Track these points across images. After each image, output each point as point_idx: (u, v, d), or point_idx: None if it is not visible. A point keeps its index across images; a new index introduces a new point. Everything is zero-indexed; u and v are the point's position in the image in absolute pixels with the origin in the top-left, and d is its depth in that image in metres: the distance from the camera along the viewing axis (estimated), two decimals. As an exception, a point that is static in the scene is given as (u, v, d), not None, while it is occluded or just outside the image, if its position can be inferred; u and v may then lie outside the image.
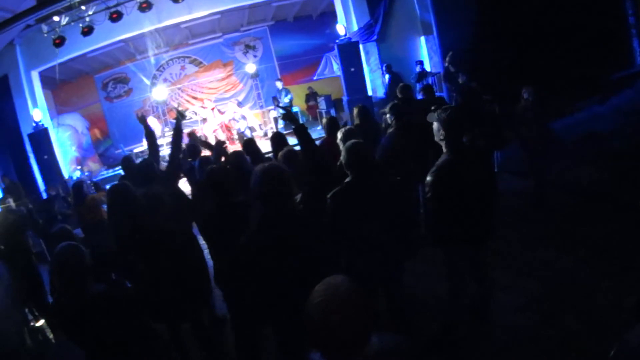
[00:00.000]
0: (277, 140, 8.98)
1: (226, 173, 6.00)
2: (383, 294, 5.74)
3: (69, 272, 4.19)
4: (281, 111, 7.28)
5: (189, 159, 9.98)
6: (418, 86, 17.88)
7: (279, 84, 22.29)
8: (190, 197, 8.49)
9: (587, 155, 10.59)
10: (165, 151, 20.19)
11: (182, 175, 10.07)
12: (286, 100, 21.30)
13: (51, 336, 7.72)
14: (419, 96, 11.42)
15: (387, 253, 5.38)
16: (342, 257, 5.38)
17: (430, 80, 18.38)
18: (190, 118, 23.71)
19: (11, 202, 12.91)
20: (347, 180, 5.41)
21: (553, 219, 8.76)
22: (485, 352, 5.87)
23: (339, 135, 7.58)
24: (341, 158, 5.56)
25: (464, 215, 5.51)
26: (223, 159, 9.16)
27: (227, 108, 23.25)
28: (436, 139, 5.70)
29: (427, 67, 19.49)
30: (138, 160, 17.70)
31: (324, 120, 9.44)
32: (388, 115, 9.19)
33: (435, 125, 5.66)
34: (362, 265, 5.26)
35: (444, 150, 5.62)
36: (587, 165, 10.14)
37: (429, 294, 6.98)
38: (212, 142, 11.35)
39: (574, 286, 6.66)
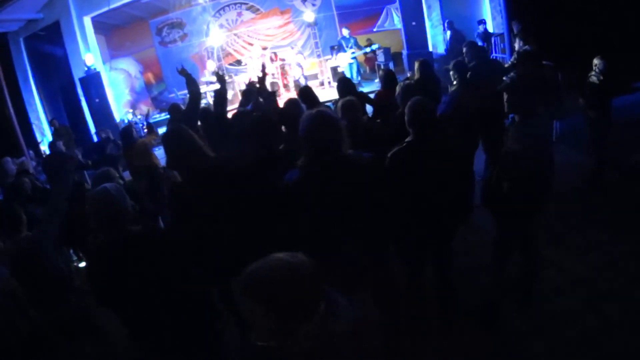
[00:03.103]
0: (343, 86, 8.77)
1: (269, 122, 5.68)
2: (431, 260, 5.67)
3: (102, 213, 4.12)
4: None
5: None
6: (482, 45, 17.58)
7: (346, 32, 21.61)
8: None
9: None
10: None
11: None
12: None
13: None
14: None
15: (442, 216, 5.22)
16: (396, 219, 5.18)
17: (493, 41, 18.10)
18: (246, 64, 23.82)
19: (61, 145, 12.86)
20: (408, 139, 5.20)
21: (609, 201, 8.37)
22: (522, 331, 5.77)
23: (398, 89, 7.34)
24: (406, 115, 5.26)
25: (524, 186, 5.33)
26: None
27: (285, 54, 23.01)
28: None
29: (490, 27, 19.11)
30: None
31: (381, 72, 9.20)
32: (452, 72, 8.90)
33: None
34: (416, 227, 5.22)
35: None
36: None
37: (477, 265, 6.85)
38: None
39: (621, 275, 6.37)
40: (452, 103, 8.03)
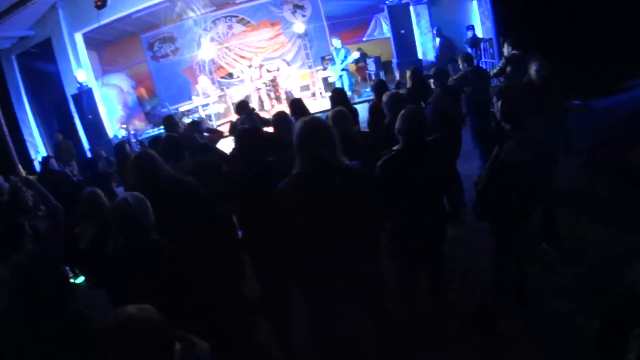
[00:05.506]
0: (336, 97, 8.90)
1: (253, 133, 5.74)
2: (425, 267, 5.70)
3: (122, 224, 4.27)
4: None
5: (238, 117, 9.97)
6: (472, 51, 17.60)
7: (337, 42, 21.19)
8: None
9: (636, 136, 10.09)
10: (212, 109, 20.34)
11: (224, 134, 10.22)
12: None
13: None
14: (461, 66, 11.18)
15: (431, 222, 5.34)
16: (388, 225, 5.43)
17: (482, 46, 18.15)
18: (238, 77, 23.98)
19: (54, 163, 12.88)
20: (397, 147, 5.27)
21: (603, 200, 8.37)
22: (517, 334, 5.79)
23: (385, 98, 7.44)
24: (397, 123, 5.30)
25: (516, 193, 5.31)
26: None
27: (276, 66, 23.11)
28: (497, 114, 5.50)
29: (479, 33, 19.16)
30: (184, 119, 17.88)
31: (372, 83, 9.37)
32: (432, 80, 9.05)
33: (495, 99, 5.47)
34: (407, 233, 5.30)
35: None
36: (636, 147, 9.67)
37: (472, 268, 6.91)
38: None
39: (616, 274, 6.32)
40: (433, 111, 8.09)
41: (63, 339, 4.65)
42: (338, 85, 20.12)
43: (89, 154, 18.29)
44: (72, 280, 8.81)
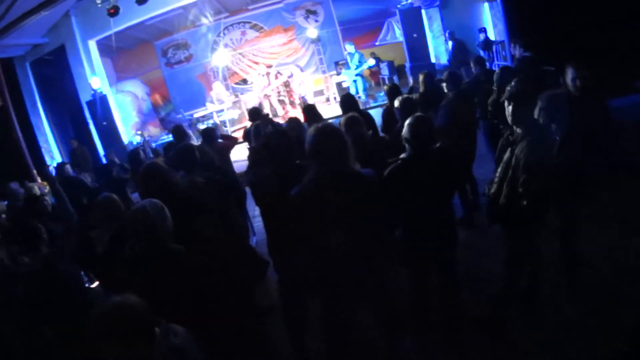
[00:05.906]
0: (346, 103, 8.90)
1: (282, 137, 5.76)
2: (436, 269, 5.70)
3: (140, 232, 4.32)
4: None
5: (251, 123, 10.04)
6: (484, 54, 17.53)
7: (351, 47, 21.36)
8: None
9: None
10: (226, 115, 20.35)
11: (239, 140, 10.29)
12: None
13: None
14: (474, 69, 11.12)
15: (439, 228, 5.36)
16: (397, 230, 5.50)
17: (494, 49, 18.06)
18: (252, 83, 23.78)
19: (69, 169, 12.96)
20: (403, 155, 5.29)
21: (617, 204, 8.14)
22: (528, 339, 5.71)
23: (396, 103, 7.44)
24: (403, 131, 5.32)
25: (528, 197, 5.22)
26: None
27: (289, 72, 23.08)
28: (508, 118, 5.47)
29: (491, 35, 19.08)
30: (199, 126, 17.93)
31: (385, 87, 9.39)
32: (445, 84, 9.05)
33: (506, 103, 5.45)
34: (415, 239, 5.35)
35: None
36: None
37: (484, 272, 6.85)
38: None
39: (632, 281, 6.17)
40: (447, 114, 8.08)
41: (72, 341, 4.72)
42: (352, 90, 20.19)
43: (104, 160, 18.34)
44: (86, 285, 8.86)
